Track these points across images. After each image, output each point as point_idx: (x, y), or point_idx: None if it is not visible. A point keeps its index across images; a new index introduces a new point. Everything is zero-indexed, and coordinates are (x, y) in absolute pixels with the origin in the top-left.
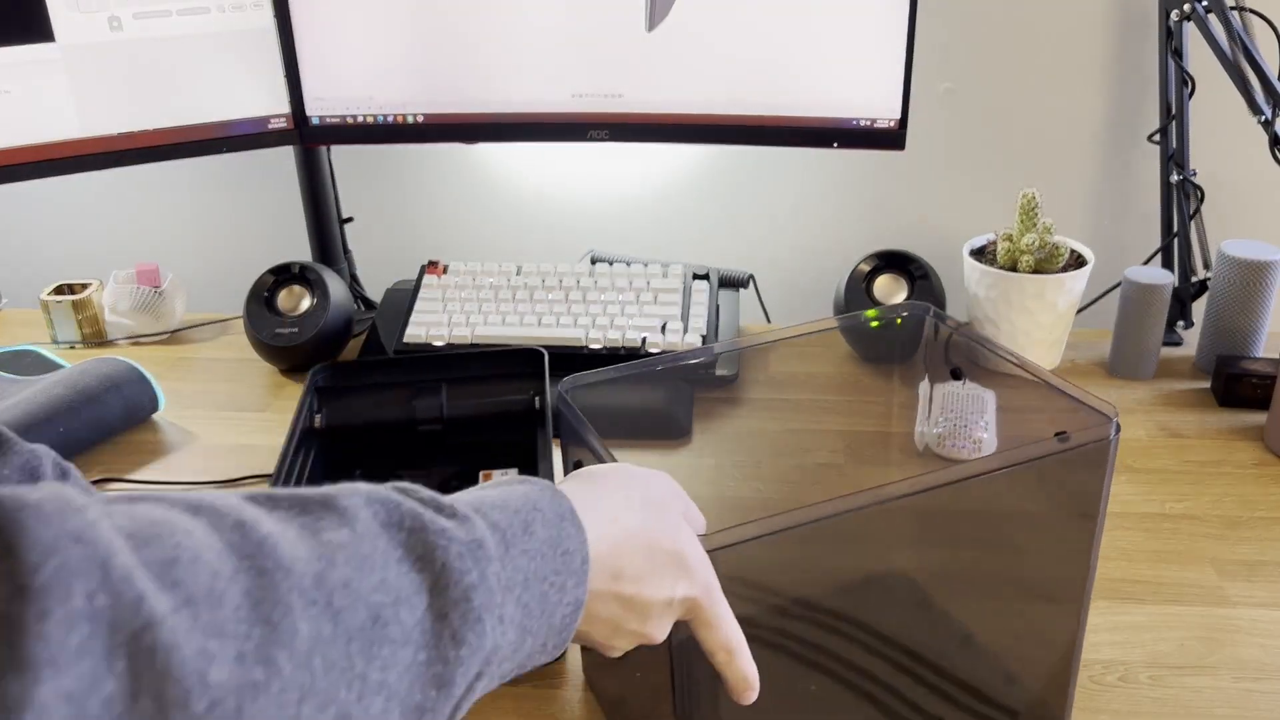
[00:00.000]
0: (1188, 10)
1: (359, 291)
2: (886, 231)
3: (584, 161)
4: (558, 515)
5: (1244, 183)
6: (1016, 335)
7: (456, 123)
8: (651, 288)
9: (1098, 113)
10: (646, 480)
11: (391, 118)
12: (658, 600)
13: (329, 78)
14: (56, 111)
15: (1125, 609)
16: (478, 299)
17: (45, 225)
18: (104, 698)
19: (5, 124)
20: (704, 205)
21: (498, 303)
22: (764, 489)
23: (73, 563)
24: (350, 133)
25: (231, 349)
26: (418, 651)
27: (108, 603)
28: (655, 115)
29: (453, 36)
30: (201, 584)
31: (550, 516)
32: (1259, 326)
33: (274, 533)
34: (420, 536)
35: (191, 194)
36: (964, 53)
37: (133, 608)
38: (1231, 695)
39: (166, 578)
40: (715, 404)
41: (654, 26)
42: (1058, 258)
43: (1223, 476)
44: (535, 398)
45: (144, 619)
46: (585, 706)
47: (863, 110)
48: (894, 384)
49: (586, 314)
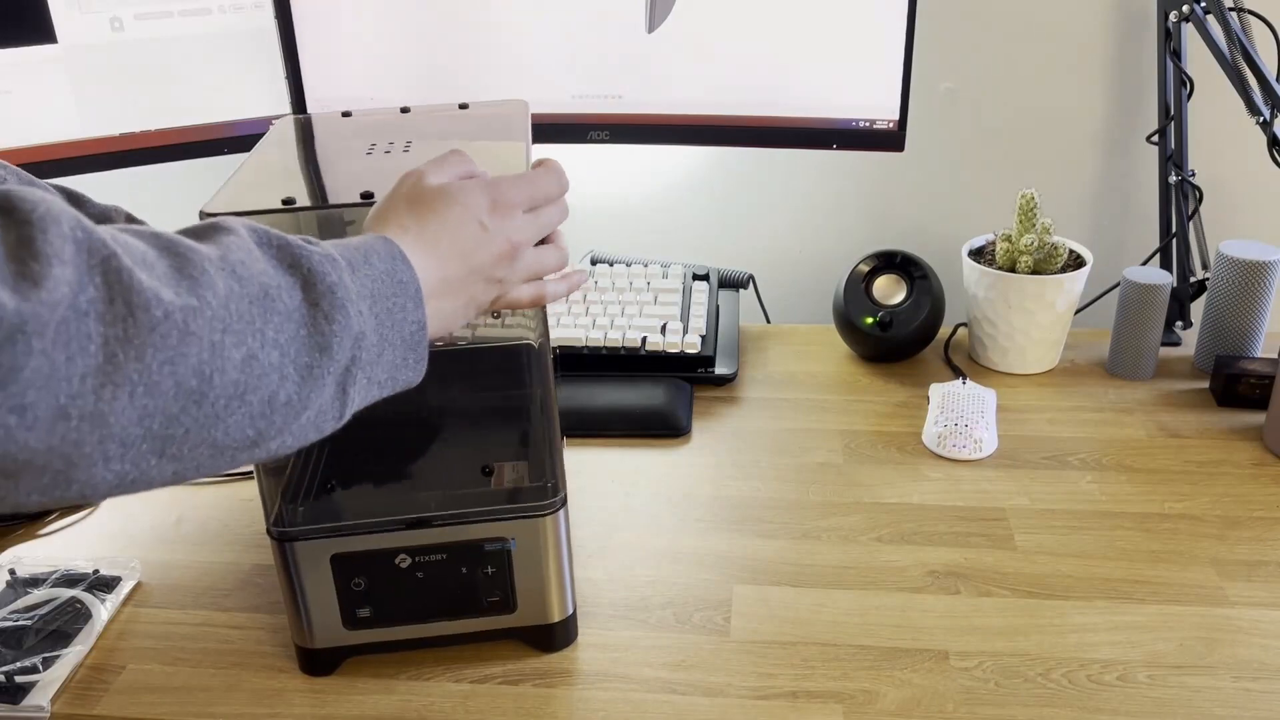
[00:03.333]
0: (1186, 11)
1: None
2: (886, 231)
3: (584, 162)
4: (390, 255)
5: (1242, 183)
6: (1015, 335)
7: None
8: (651, 288)
9: (1097, 113)
10: (464, 202)
11: None
12: (484, 283)
13: (329, 78)
14: (58, 112)
15: (1124, 609)
16: None
17: None
18: (89, 297)
19: (6, 124)
20: (704, 205)
21: None
22: (764, 489)
23: (55, 209)
24: None
25: None
26: (299, 327)
27: (84, 236)
28: (655, 116)
29: (453, 37)
30: (137, 255)
31: (384, 255)
32: (1257, 326)
33: (181, 237)
34: (287, 250)
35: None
36: (964, 53)
37: (102, 243)
38: (1230, 695)
39: (116, 242)
40: (715, 403)
41: (654, 28)
42: (1056, 258)
43: (1222, 476)
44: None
45: (110, 250)
46: (585, 706)
47: (862, 111)
48: (894, 384)
49: (586, 314)
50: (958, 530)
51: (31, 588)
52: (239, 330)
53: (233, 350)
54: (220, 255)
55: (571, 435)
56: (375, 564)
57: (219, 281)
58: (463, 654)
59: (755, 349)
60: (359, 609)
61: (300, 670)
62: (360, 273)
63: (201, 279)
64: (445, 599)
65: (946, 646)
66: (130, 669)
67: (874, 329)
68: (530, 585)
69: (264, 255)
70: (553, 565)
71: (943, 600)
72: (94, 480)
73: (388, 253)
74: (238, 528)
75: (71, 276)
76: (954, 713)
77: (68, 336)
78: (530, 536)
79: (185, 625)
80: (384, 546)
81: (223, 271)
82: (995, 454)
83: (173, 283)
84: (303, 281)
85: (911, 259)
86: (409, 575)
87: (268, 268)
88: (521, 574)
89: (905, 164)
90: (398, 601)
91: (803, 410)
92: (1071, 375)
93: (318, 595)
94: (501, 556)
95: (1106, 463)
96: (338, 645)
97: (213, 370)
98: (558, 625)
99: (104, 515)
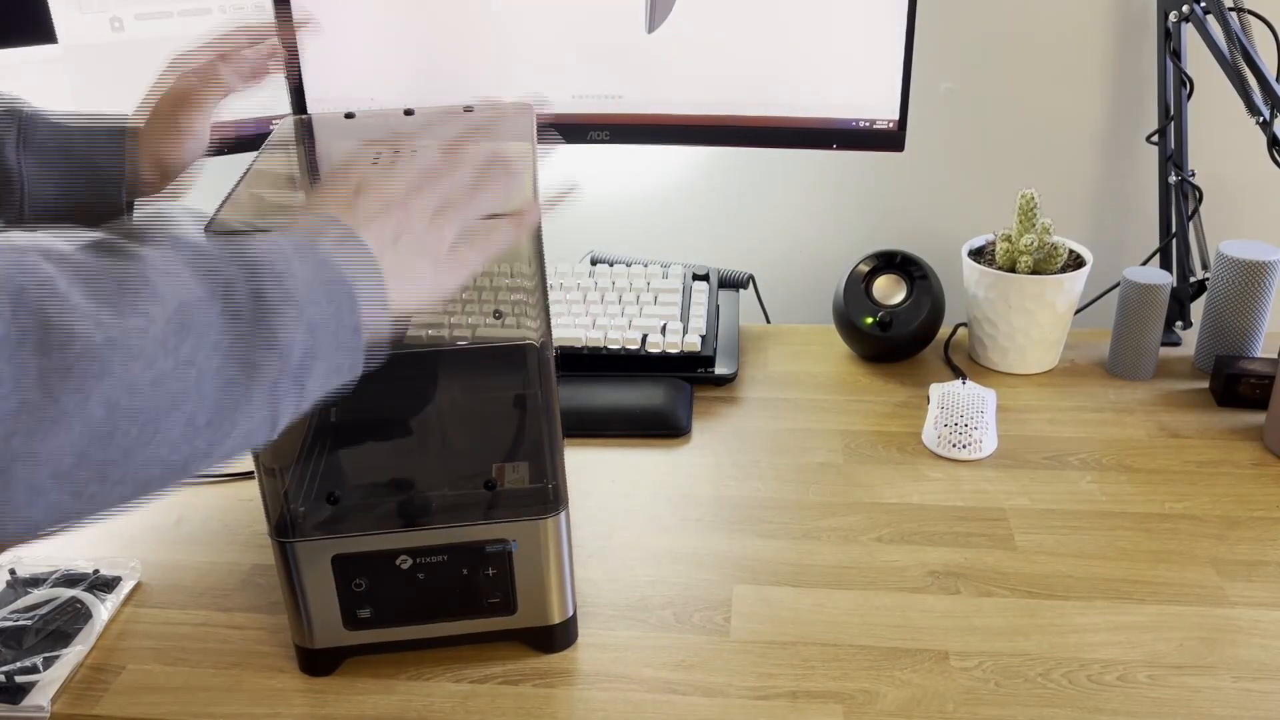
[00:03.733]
0: (1186, 11)
1: None
2: (886, 232)
3: (584, 162)
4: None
5: (1242, 183)
6: (1015, 335)
7: None
8: (651, 288)
9: (1096, 113)
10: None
11: None
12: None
13: (330, 78)
14: None
15: (1124, 609)
16: (478, 299)
17: None
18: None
19: None
20: (704, 206)
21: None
22: (763, 489)
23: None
24: None
25: None
26: (220, 339)
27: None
28: (655, 116)
29: (453, 37)
30: (54, 281)
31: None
32: (1257, 326)
33: (101, 254)
34: (209, 259)
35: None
36: (964, 53)
37: (16, 272)
38: (1230, 695)
39: (30, 270)
40: (715, 403)
41: (654, 28)
42: (1056, 258)
43: (1222, 476)
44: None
45: (21, 283)
46: (585, 706)
47: (862, 111)
48: (894, 384)
49: (586, 314)
50: (958, 530)
51: (31, 587)
52: (152, 354)
53: (148, 373)
54: (140, 273)
55: (571, 435)
56: (376, 565)
57: (141, 300)
58: (463, 654)
59: (755, 349)
60: (360, 609)
61: (300, 670)
62: (303, 264)
63: (120, 301)
64: (446, 600)
65: (946, 647)
66: (130, 669)
67: (874, 329)
68: (531, 587)
69: (189, 266)
70: (553, 567)
71: (943, 600)
72: (21, 518)
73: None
74: (238, 528)
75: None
76: (954, 713)
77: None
78: (531, 538)
79: (185, 625)
80: (385, 548)
81: (142, 291)
82: (995, 454)
83: (90, 309)
84: (224, 290)
85: (911, 259)
86: (410, 576)
87: (191, 280)
88: (522, 576)
89: (905, 164)
90: (398, 602)
91: (802, 410)
92: (1071, 375)
93: (318, 596)
94: (502, 558)
95: (1106, 463)
96: (338, 646)
97: (129, 397)
98: (558, 627)
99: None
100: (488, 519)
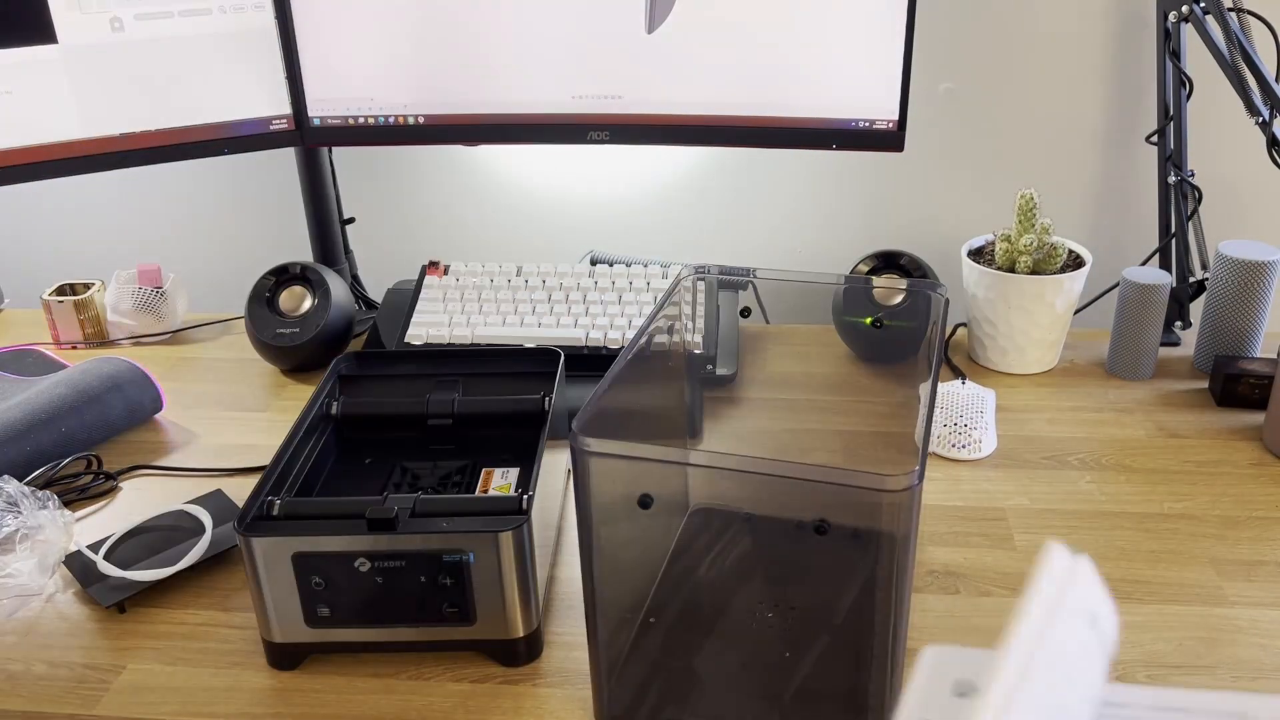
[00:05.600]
0: (1186, 12)
1: (360, 292)
2: (886, 232)
3: (584, 162)
4: None
5: (1242, 183)
6: (1015, 335)
7: (457, 124)
8: (651, 288)
9: (1096, 113)
10: None
11: (392, 119)
12: None
13: (330, 79)
14: (58, 112)
15: (1123, 609)
16: (478, 299)
17: (47, 226)
18: None
19: (7, 125)
20: (704, 206)
21: (498, 303)
22: None
23: None
24: (351, 134)
25: (233, 349)
26: None
27: None
28: (655, 117)
29: (454, 38)
30: None
31: None
32: (1257, 327)
33: None
34: None
35: (193, 195)
36: (964, 53)
37: None
38: None
39: None
40: (715, 404)
41: (654, 28)
42: (1056, 258)
43: (1221, 476)
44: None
45: None
46: (585, 707)
47: (861, 111)
48: (894, 384)
49: (586, 314)
50: (957, 530)
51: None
52: None
53: None
54: None
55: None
56: (334, 565)
57: None
58: (463, 654)
59: (755, 349)
60: (319, 608)
61: (268, 664)
62: None
63: None
64: (404, 606)
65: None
66: (130, 669)
67: (873, 329)
68: (490, 599)
69: None
70: (514, 581)
71: (943, 600)
72: None
73: None
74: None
75: None
76: None
77: None
78: (489, 551)
79: (185, 625)
80: (344, 549)
81: None
82: (995, 454)
83: None
84: None
85: (911, 259)
86: (368, 579)
87: None
88: (480, 588)
89: (905, 164)
90: (356, 604)
91: (802, 410)
92: (1071, 375)
93: (279, 592)
94: (459, 569)
95: (1106, 463)
96: (299, 641)
97: None
98: (519, 641)
99: (109, 512)
100: (447, 529)
